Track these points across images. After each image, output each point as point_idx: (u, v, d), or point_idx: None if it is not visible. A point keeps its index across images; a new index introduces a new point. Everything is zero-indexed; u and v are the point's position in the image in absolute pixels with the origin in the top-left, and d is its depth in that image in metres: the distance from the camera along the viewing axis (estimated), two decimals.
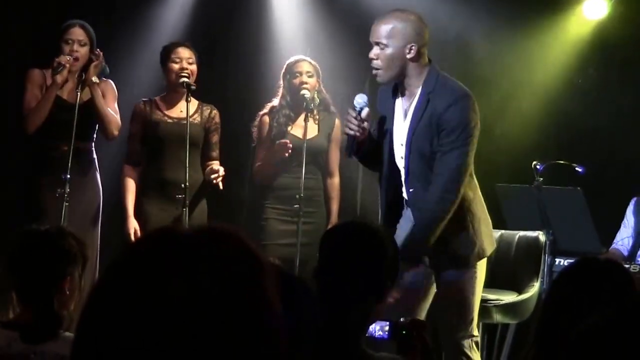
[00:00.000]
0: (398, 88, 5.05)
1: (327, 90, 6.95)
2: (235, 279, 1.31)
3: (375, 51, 4.97)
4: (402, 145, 4.98)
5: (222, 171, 6.51)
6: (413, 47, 4.91)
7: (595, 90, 8.04)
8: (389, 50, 4.93)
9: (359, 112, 4.98)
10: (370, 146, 5.08)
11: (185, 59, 6.57)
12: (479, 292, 5.06)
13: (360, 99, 5.01)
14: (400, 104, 5.05)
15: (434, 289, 5.08)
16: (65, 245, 3.44)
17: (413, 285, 4.87)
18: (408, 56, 4.92)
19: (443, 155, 4.84)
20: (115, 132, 6.55)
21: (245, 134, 7.09)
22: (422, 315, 5.02)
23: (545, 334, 2.80)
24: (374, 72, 4.99)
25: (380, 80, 5.03)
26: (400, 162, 5.01)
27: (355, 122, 4.96)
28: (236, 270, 1.32)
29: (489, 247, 5.07)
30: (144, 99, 6.77)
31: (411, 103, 4.99)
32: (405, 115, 5.00)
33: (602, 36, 8.01)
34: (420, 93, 4.95)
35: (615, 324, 1.33)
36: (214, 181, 6.48)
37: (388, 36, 4.93)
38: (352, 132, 4.97)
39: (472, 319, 5.02)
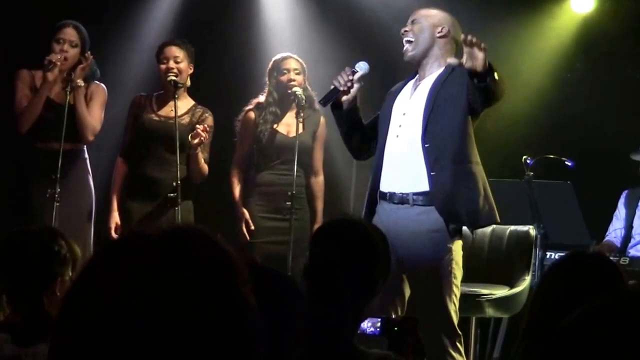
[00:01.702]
0: (407, 81, 5.28)
1: (315, 88, 6.94)
2: (204, 277, 1.32)
3: (408, 26, 5.26)
4: (404, 114, 5.12)
5: (204, 134, 6.39)
6: (444, 28, 5.22)
7: (583, 84, 8.06)
8: (421, 25, 5.23)
9: (353, 73, 5.21)
10: (350, 116, 5.28)
11: (173, 58, 6.53)
12: (456, 287, 5.01)
13: (362, 64, 5.28)
14: (409, 86, 5.26)
15: (406, 288, 5.06)
16: (55, 247, 3.42)
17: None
18: (437, 34, 5.21)
19: None
20: (91, 138, 6.50)
21: (233, 132, 7.07)
22: (398, 311, 5.00)
23: (535, 328, 2.80)
24: (406, 45, 5.24)
25: (409, 55, 5.25)
26: (394, 132, 5.10)
27: (346, 77, 5.19)
28: (205, 268, 1.33)
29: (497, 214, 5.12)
30: (142, 94, 6.76)
31: (424, 79, 5.20)
32: (416, 91, 5.18)
33: (590, 30, 8.03)
34: (442, 71, 5.17)
35: (598, 317, 1.33)
36: (199, 131, 6.34)
37: (425, 15, 5.28)
38: (337, 84, 5.20)
39: (452, 316, 4.96)
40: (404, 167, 5.05)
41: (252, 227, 6.77)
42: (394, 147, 5.10)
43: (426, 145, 5.00)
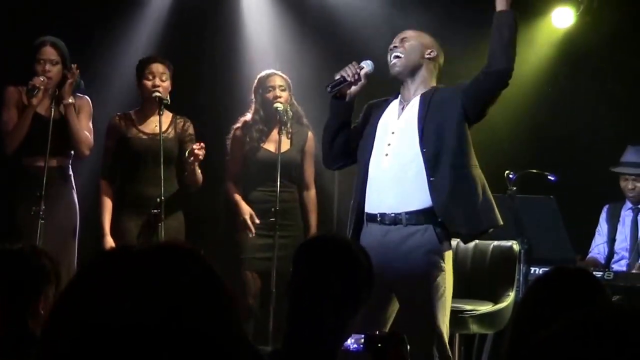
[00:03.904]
0: (390, 101, 5.23)
1: (299, 103, 6.96)
2: (186, 294, 1.33)
3: (397, 42, 5.24)
4: (393, 133, 5.07)
5: (201, 152, 6.41)
6: (433, 52, 5.23)
7: (565, 98, 8.09)
8: (413, 42, 5.23)
9: (361, 67, 5.21)
10: (347, 112, 5.27)
11: (159, 75, 6.55)
12: (447, 308, 4.97)
13: (369, 62, 5.27)
14: (394, 107, 5.21)
15: (394, 305, 5.02)
16: (39, 265, 3.42)
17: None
18: (426, 56, 5.20)
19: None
20: (87, 152, 6.53)
21: (219, 147, 7.08)
22: (384, 325, 4.97)
23: (519, 344, 2.80)
24: (393, 61, 5.20)
25: (396, 71, 5.21)
26: (384, 150, 5.06)
27: (354, 69, 5.19)
28: (188, 286, 1.33)
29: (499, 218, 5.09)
30: (118, 114, 6.75)
31: (409, 101, 5.15)
32: (403, 111, 5.13)
33: (570, 44, 8.07)
34: (426, 91, 5.15)
35: (577, 331, 1.34)
36: (195, 151, 6.36)
37: (415, 35, 5.29)
38: (345, 74, 5.19)
39: (444, 336, 4.91)
40: (395, 185, 4.97)
41: (257, 221, 6.75)
42: (383, 166, 5.02)
43: (424, 150, 4.94)
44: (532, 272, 6.49)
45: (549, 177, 6.68)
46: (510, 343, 2.89)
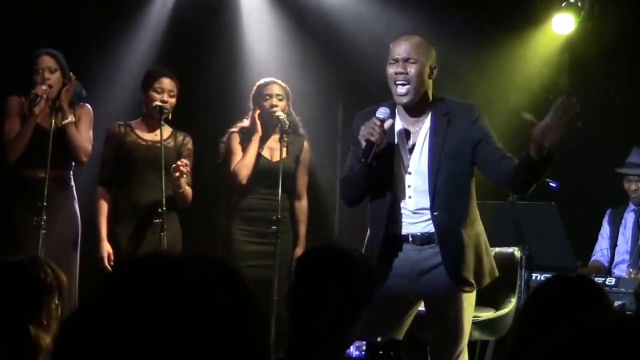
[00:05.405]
0: (393, 115, 4.95)
1: (297, 113, 6.95)
2: (223, 310, 1.33)
3: (403, 67, 4.85)
4: (410, 173, 4.90)
5: (185, 168, 6.36)
6: (435, 69, 4.92)
7: None
8: (419, 66, 4.86)
9: (382, 122, 4.81)
10: (371, 169, 4.90)
11: (167, 91, 6.53)
12: (470, 318, 5.04)
13: (383, 111, 4.85)
14: (401, 141, 4.96)
15: (412, 313, 5.04)
16: (40, 276, 3.42)
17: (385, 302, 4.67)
18: (431, 77, 4.91)
19: (507, 157, 4.91)
20: (84, 159, 6.53)
21: (215, 156, 7.07)
22: (399, 334, 4.99)
23: (520, 351, 2.81)
24: (401, 89, 4.86)
25: (406, 100, 4.87)
26: (405, 192, 4.92)
27: (379, 130, 4.77)
28: (225, 302, 1.33)
29: (495, 268, 5.10)
30: (118, 122, 6.73)
31: (419, 129, 4.93)
32: (412, 143, 4.93)
33: (572, 51, 8.08)
34: (432, 117, 4.91)
35: (572, 342, 1.35)
36: (180, 168, 6.31)
37: (418, 52, 4.88)
38: (373, 139, 4.76)
39: (463, 347, 4.98)
40: (423, 216, 4.92)
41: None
42: (409, 206, 4.92)
43: (435, 214, 4.85)
44: (533, 278, 6.51)
45: (550, 183, 6.70)
46: (512, 349, 2.90)
